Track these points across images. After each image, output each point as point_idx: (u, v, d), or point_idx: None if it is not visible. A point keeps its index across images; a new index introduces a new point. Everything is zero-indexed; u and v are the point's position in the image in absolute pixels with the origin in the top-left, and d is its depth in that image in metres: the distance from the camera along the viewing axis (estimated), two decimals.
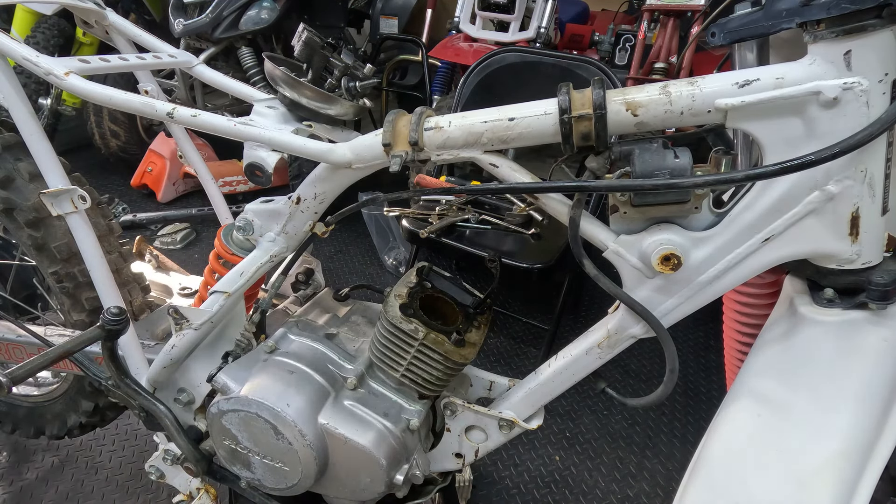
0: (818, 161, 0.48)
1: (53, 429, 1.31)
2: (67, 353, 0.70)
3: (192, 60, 0.85)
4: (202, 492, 0.99)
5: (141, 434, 1.56)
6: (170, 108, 0.72)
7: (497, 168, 0.62)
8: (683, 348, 1.96)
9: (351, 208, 0.79)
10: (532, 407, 0.75)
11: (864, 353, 0.56)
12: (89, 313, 1.15)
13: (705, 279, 0.60)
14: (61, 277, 1.11)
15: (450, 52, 2.57)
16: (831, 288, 0.59)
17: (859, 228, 0.55)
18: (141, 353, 0.92)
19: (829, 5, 0.47)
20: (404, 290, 0.75)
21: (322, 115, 0.71)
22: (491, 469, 1.49)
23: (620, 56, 2.61)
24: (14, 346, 1.14)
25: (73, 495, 1.40)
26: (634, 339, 0.66)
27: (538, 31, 2.53)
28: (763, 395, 0.59)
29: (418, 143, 0.62)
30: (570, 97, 0.55)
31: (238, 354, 0.83)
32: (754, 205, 0.56)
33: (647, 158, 0.55)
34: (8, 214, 1.07)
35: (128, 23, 0.85)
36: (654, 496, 1.44)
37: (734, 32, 0.55)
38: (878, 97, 0.49)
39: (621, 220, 0.60)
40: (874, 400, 0.54)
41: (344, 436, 0.70)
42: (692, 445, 0.72)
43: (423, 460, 0.78)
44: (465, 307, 0.79)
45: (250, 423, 0.71)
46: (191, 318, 0.82)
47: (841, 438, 0.53)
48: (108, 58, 0.76)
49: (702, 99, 0.52)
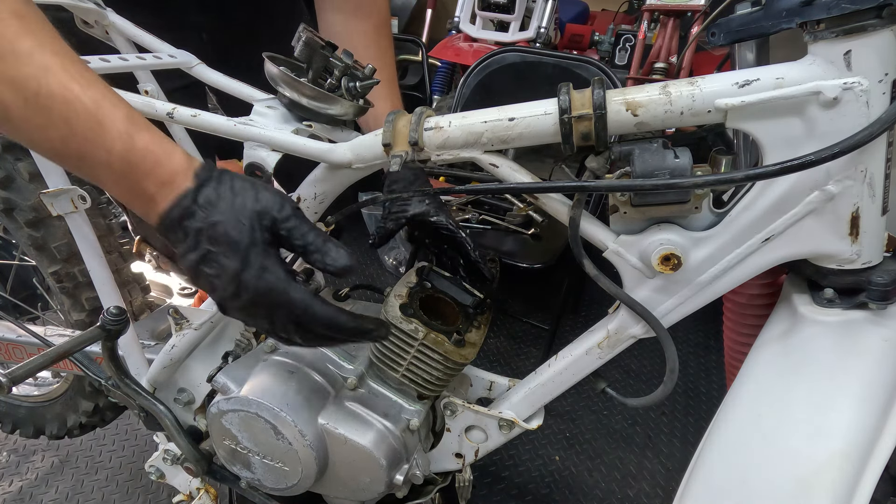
0: (818, 161, 0.48)
1: (53, 429, 1.31)
2: (67, 353, 0.70)
3: (192, 60, 0.85)
4: (202, 492, 1.00)
5: (141, 434, 1.57)
6: (170, 108, 0.72)
7: (497, 168, 0.62)
8: (683, 348, 1.96)
9: (351, 208, 0.79)
10: (532, 407, 0.75)
11: (864, 353, 0.56)
12: (89, 313, 1.15)
13: (705, 279, 0.60)
14: (61, 277, 1.11)
15: (450, 52, 2.57)
16: (831, 288, 0.59)
17: (859, 228, 0.55)
18: (141, 353, 0.92)
19: (830, 5, 0.47)
20: (404, 290, 0.75)
21: (322, 115, 0.71)
22: (491, 469, 1.49)
23: (620, 56, 2.61)
24: (14, 346, 1.14)
25: (73, 495, 1.40)
26: (634, 339, 0.66)
27: (538, 31, 2.53)
28: (763, 395, 0.59)
29: (418, 143, 0.62)
30: (570, 97, 0.55)
31: (238, 354, 0.83)
32: (754, 205, 0.56)
33: (647, 158, 0.55)
34: (8, 214, 1.07)
35: (128, 23, 0.85)
36: (654, 496, 1.44)
37: (734, 32, 0.55)
38: (878, 97, 0.49)
39: (621, 220, 0.60)
40: (874, 400, 0.54)
41: (344, 436, 0.70)
42: (692, 445, 0.72)
43: (423, 460, 0.78)
44: (465, 307, 0.79)
45: (250, 423, 0.71)
46: (191, 318, 0.82)
47: (841, 438, 0.53)
48: (109, 58, 0.76)
49: (702, 99, 0.52)
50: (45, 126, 0.47)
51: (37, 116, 0.46)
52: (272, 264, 0.51)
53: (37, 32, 0.46)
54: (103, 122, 0.47)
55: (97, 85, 0.48)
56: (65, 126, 0.47)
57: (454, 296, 0.79)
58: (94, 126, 0.47)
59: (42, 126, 0.47)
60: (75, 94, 0.46)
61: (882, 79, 0.49)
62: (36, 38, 0.46)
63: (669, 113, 0.53)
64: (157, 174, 0.49)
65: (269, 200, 0.51)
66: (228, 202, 0.50)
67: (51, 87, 0.45)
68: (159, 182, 0.49)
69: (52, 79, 0.46)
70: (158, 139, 0.50)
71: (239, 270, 0.49)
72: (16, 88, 0.45)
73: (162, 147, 0.50)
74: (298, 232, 0.52)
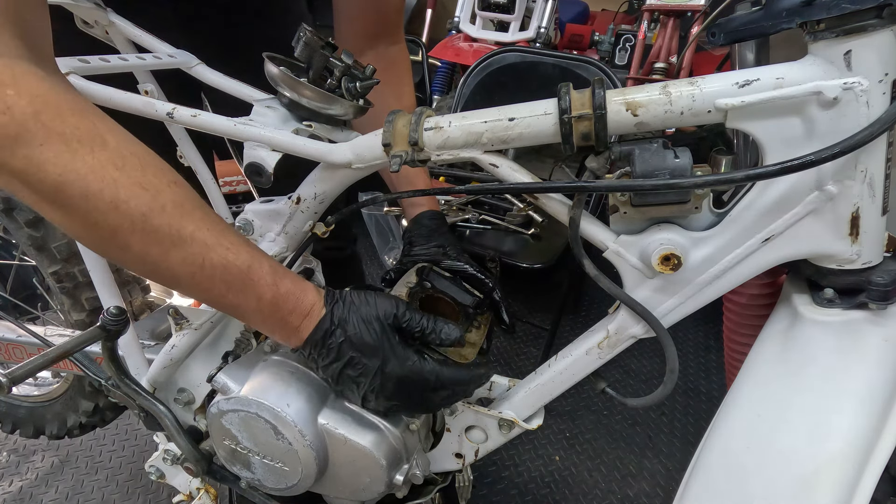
0: (818, 161, 0.48)
1: (53, 429, 1.31)
2: (67, 353, 0.70)
3: (191, 60, 0.85)
4: (202, 492, 0.99)
5: (141, 434, 1.57)
6: (170, 108, 0.72)
7: (497, 168, 0.62)
8: (683, 348, 1.96)
9: (351, 208, 0.79)
10: (532, 407, 0.75)
11: (864, 353, 0.56)
12: (89, 313, 1.15)
13: (705, 279, 0.60)
14: (61, 277, 1.11)
15: (450, 52, 2.57)
16: (831, 288, 0.59)
17: (859, 228, 0.55)
18: (141, 353, 0.92)
19: (830, 5, 0.47)
20: (404, 290, 0.75)
21: (322, 115, 0.71)
22: (491, 469, 1.49)
23: (620, 56, 2.61)
24: (14, 346, 1.14)
25: (73, 495, 1.40)
26: (634, 339, 0.66)
27: (538, 31, 2.53)
28: (763, 395, 0.59)
29: (418, 143, 0.62)
30: (569, 97, 0.55)
31: (238, 354, 0.83)
32: (754, 205, 0.56)
33: (647, 158, 0.55)
34: (8, 214, 1.07)
35: (128, 23, 0.85)
36: (654, 496, 1.44)
37: (734, 32, 0.55)
38: (878, 97, 0.49)
39: (621, 220, 0.60)
40: (874, 400, 0.54)
41: (344, 436, 0.70)
42: (692, 445, 0.72)
43: (423, 460, 0.78)
44: (465, 307, 0.79)
45: (250, 423, 0.71)
46: (191, 318, 0.82)
47: (841, 438, 0.53)
48: (108, 58, 0.76)
49: (702, 99, 0.52)
50: (210, 288, 0.58)
51: (204, 282, 0.57)
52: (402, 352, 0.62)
53: (193, 214, 0.56)
54: (254, 279, 0.58)
55: (244, 246, 0.59)
56: (224, 286, 0.58)
57: (454, 296, 0.79)
58: (247, 283, 0.58)
59: (207, 289, 0.58)
60: (230, 261, 0.57)
61: (882, 79, 0.49)
62: (193, 220, 0.56)
63: (669, 113, 0.53)
64: (299, 310, 0.60)
65: (386, 304, 0.62)
66: (357, 316, 0.61)
67: (212, 261, 0.56)
68: (301, 315, 0.60)
69: (211, 253, 0.56)
70: (296, 281, 0.61)
71: (381, 365, 0.61)
72: (186, 265, 0.56)
73: (299, 287, 0.61)
74: (414, 322, 0.63)
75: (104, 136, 0.52)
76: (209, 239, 0.56)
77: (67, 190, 0.50)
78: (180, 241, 0.55)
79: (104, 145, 0.52)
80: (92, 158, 0.51)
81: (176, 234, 0.54)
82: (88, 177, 0.50)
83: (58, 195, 0.51)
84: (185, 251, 0.55)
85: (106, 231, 0.53)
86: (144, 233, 0.53)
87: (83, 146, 0.51)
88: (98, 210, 0.52)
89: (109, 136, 0.53)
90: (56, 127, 0.49)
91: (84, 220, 0.53)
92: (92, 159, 0.51)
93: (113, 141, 0.53)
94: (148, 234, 0.53)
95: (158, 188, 0.54)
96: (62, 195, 0.51)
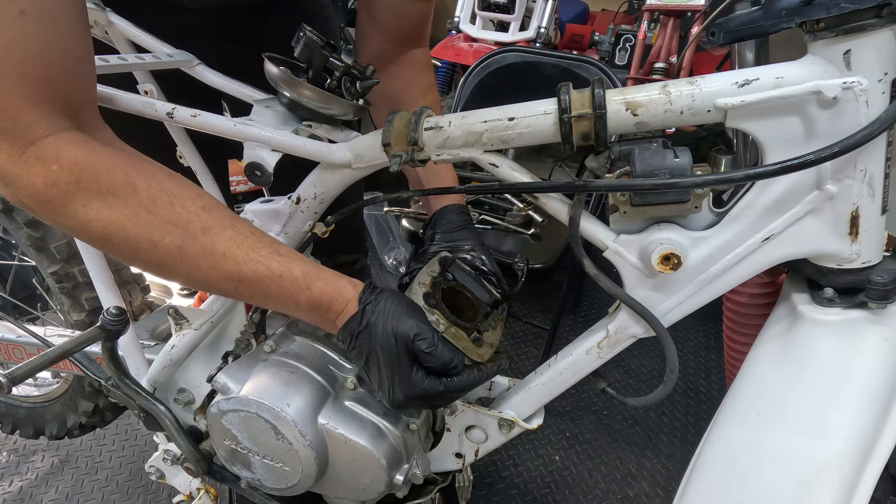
0: (818, 161, 0.48)
1: (53, 429, 1.31)
2: (67, 353, 0.70)
3: (192, 60, 0.85)
4: (202, 492, 0.99)
5: (141, 434, 1.57)
6: (169, 108, 0.72)
7: (497, 168, 0.62)
8: (683, 348, 1.96)
9: (351, 208, 0.79)
10: (532, 406, 0.75)
11: (864, 352, 0.56)
12: (89, 313, 1.15)
13: (705, 279, 0.60)
14: (61, 277, 1.11)
15: (450, 52, 2.58)
16: (831, 287, 0.59)
17: (859, 228, 0.55)
18: (141, 353, 0.92)
19: (829, 5, 0.47)
20: (428, 279, 0.73)
21: (322, 115, 0.71)
22: (491, 469, 1.49)
23: (620, 56, 2.61)
24: (14, 346, 1.14)
25: (73, 495, 1.40)
26: (634, 339, 0.66)
27: (538, 31, 2.53)
28: (763, 394, 0.59)
29: (418, 143, 0.62)
30: (569, 97, 0.55)
31: (238, 354, 0.83)
32: (754, 204, 0.56)
33: (647, 158, 0.55)
34: (8, 214, 1.07)
35: (128, 23, 0.85)
36: (654, 496, 1.44)
37: (734, 32, 0.55)
38: (877, 97, 0.49)
39: (621, 219, 0.60)
40: (874, 399, 0.54)
41: (344, 436, 0.70)
42: (692, 445, 0.72)
43: (423, 460, 0.78)
44: (483, 304, 0.76)
45: (250, 423, 0.71)
46: (191, 318, 0.82)
47: (841, 438, 0.53)
48: (108, 58, 0.76)
49: (702, 98, 0.52)
50: (251, 297, 0.64)
51: (245, 293, 0.63)
52: (407, 371, 0.64)
53: (222, 235, 0.61)
54: (288, 286, 0.62)
55: (275, 256, 0.62)
56: (263, 296, 0.63)
57: (473, 291, 0.76)
58: (282, 290, 0.63)
59: (250, 297, 0.65)
60: (262, 273, 0.61)
61: (881, 78, 0.49)
62: (223, 240, 0.61)
63: (669, 112, 0.53)
64: (335, 307, 0.64)
65: (408, 325, 0.63)
66: (384, 325, 0.63)
67: (246, 276, 0.61)
68: (336, 312, 0.64)
69: (244, 269, 0.61)
70: (329, 280, 0.64)
71: (391, 378, 0.64)
72: (226, 280, 0.61)
73: (332, 286, 0.64)
74: (434, 355, 0.63)
75: (135, 183, 0.58)
76: (240, 256, 0.61)
77: (111, 238, 0.59)
78: (215, 263, 0.61)
79: (135, 192, 0.58)
80: (125, 208, 0.58)
81: (210, 257, 0.60)
82: (126, 225, 0.58)
83: (105, 243, 0.60)
84: (221, 270, 0.61)
85: (153, 265, 0.62)
86: (183, 261, 0.60)
87: (117, 198, 0.58)
88: (140, 250, 0.60)
89: (139, 181, 0.59)
90: (93, 188, 0.57)
91: (133, 258, 0.61)
92: (126, 209, 0.58)
93: (143, 185, 0.59)
94: (186, 261, 0.60)
95: (188, 220, 0.60)
96: (109, 243, 0.60)
